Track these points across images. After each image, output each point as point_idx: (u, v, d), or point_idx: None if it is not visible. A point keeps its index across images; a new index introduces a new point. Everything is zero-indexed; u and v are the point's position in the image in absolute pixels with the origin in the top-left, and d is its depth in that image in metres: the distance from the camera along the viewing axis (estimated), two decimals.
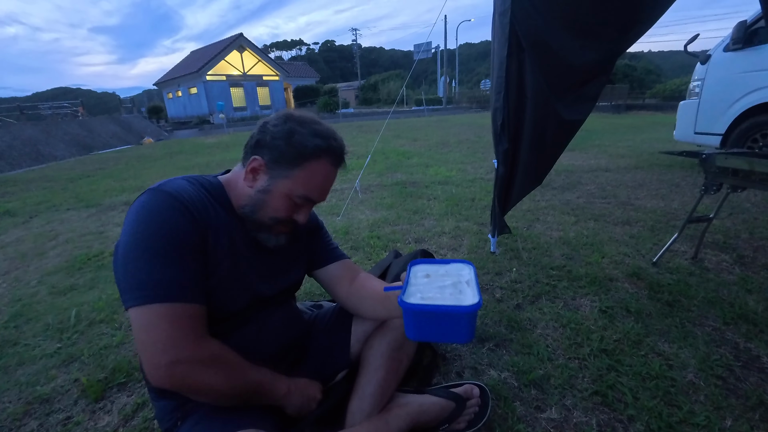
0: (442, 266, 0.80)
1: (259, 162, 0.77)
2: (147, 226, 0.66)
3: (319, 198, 0.81)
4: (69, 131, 12.40)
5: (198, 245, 0.70)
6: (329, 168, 0.80)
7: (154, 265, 0.65)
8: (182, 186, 0.74)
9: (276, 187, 0.77)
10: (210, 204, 0.76)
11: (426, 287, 0.71)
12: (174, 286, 0.65)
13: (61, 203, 4.24)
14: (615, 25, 1.74)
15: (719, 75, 3.94)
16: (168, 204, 0.68)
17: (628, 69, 25.41)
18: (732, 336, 1.38)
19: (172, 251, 0.66)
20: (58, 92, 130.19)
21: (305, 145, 0.76)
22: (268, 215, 0.79)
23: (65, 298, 1.98)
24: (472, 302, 0.63)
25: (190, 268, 0.68)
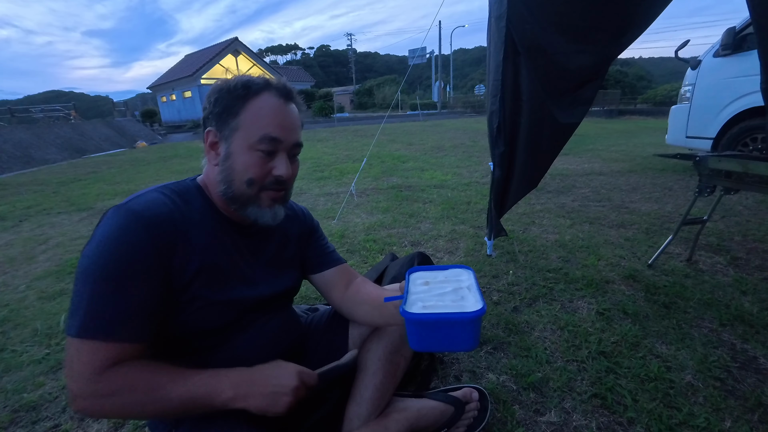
0: (441, 272, 0.78)
1: (212, 132, 0.73)
2: (95, 250, 0.61)
3: (280, 133, 0.72)
4: (61, 135, 12.27)
5: (154, 268, 0.64)
6: (275, 100, 0.73)
7: (88, 294, 0.61)
8: (151, 200, 0.68)
9: (234, 145, 0.71)
10: (186, 214, 0.71)
11: (426, 295, 0.69)
12: (98, 322, 0.60)
13: (52, 207, 4.17)
14: (608, 30, 1.76)
15: (709, 80, 4.00)
16: (125, 225, 0.63)
17: (619, 75, 25.80)
18: (729, 337, 1.38)
19: (114, 279, 0.61)
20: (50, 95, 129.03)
21: (238, 87, 0.72)
22: (242, 179, 0.71)
23: (54, 303, 1.94)
24: (476, 308, 0.61)
25: (130, 298, 0.62)
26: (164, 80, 28.78)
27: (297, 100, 0.78)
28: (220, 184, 0.73)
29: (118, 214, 0.64)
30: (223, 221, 0.77)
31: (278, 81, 0.76)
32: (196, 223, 0.72)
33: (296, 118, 0.76)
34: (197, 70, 24.60)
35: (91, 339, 0.60)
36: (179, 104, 27.65)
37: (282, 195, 0.77)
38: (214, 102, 0.73)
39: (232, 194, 0.72)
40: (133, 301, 0.62)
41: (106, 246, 0.61)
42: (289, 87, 0.76)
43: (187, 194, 0.75)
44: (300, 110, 0.79)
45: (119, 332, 0.61)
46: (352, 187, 3.48)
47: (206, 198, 0.76)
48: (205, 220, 0.74)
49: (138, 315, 0.63)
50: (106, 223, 0.64)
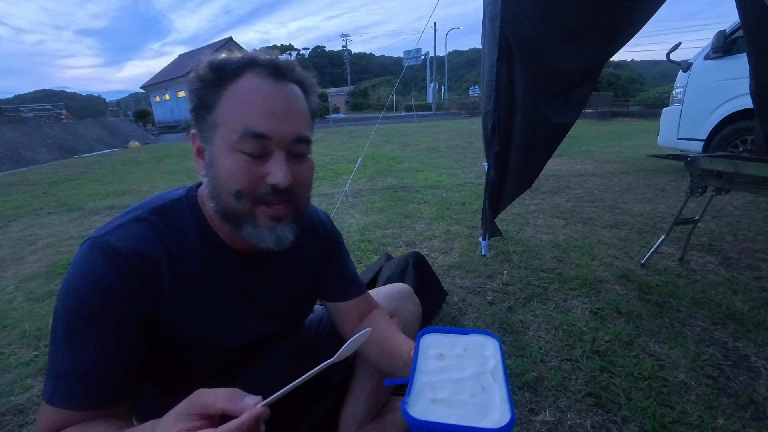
0: (460, 338, 0.61)
1: (195, 134, 0.59)
2: (63, 292, 0.53)
3: (267, 126, 0.54)
4: (52, 134, 12.11)
5: (127, 317, 0.54)
6: (258, 81, 0.55)
7: (51, 345, 0.52)
8: (130, 233, 0.56)
9: (215, 147, 0.55)
10: (173, 248, 0.59)
11: (439, 378, 0.54)
12: (53, 383, 0.50)
13: (41, 207, 4.11)
14: (601, 31, 1.77)
15: (700, 82, 4.05)
16: (93, 264, 0.53)
17: (612, 77, 26.09)
18: (720, 336, 1.39)
19: (75, 331, 0.51)
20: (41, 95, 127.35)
21: (206, 68, 0.55)
22: (229, 191, 0.55)
23: (43, 304, 1.91)
24: (501, 420, 0.46)
25: (91, 355, 0.51)
26: (158, 80, 28.58)
27: (298, 77, 0.59)
28: (209, 199, 0.58)
29: (90, 249, 0.54)
30: (221, 249, 0.63)
31: (266, 54, 0.57)
32: (187, 258, 0.60)
33: (294, 102, 0.57)
34: (191, 70, 24.47)
35: (47, 403, 0.50)
36: (173, 104, 27.47)
37: (285, 211, 0.58)
38: (189, 95, 0.58)
39: (222, 210, 0.57)
40: (96, 359, 0.51)
41: (72, 288, 0.52)
42: (280, 61, 0.57)
43: (177, 218, 0.61)
44: (307, 92, 0.60)
45: (73, 398, 0.50)
46: (346, 187, 3.48)
47: (201, 219, 0.62)
48: (197, 251, 0.61)
49: (101, 376, 0.51)
50: (77, 259, 0.54)
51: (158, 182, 5.24)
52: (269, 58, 0.57)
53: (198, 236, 0.61)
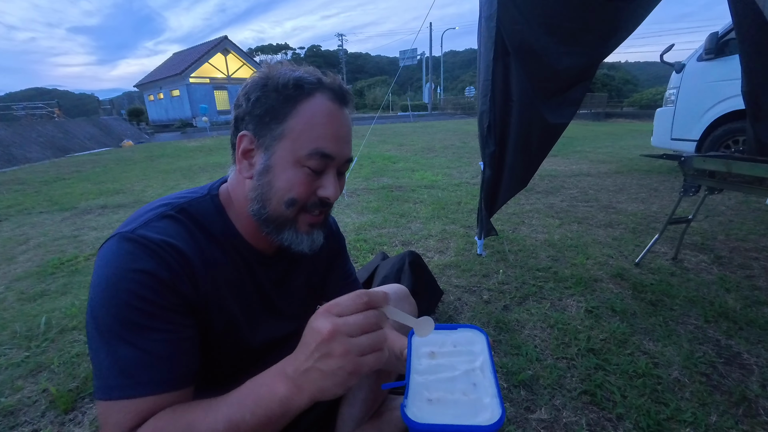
0: (449, 334, 0.66)
1: (247, 137, 0.59)
2: (101, 291, 0.51)
3: (334, 148, 0.59)
4: (44, 133, 11.96)
5: (174, 301, 0.54)
6: (330, 104, 0.59)
7: (105, 346, 0.50)
8: (162, 228, 0.56)
9: (276, 156, 0.58)
10: (205, 249, 0.60)
11: (432, 378, 0.57)
12: (121, 379, 0.49)
13: (33, 206, 4.06)
14: (596, 32, 1.78)
15: (693, 84, 4.10)
16: (131, 255, 0.52)
17: (606, 78, 26.31)
18: (713, 333, 1.41)
19: (129, 323, 0.50)
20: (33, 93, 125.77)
21: (286, 84, 0.57)
22: (283, 199, 0.58)
23: (35, 304, 1.88)
24: (492, 417, 0.50)
25: (154, 342, 0.51)
26: (152, 78, 28.32)
27: (351, 104, 0.64)
28: (253, 202, 0.60)
29: (123, 242, 0.53)
30: (244, 249, 0.65)
31: (332, 79, 0.61)
32: (213, 257, 0.60)
33: (350, 126, 0.63)
34: (186, 69, 24.26)
35: (117, 399, 0.49)
36: (167, 103, 27.22)
37: (322, 219, 0.64)
38: (254, 101, 0.58)
39: (267, 216, 0.60)
40: (159, 345, 0.51)
41: (113, 282, 0.51)
42: (345, 87, 0.62)
43: (203, 217, 0.61)
44: (351, 114, 0.65)
45: (148, 385, 0.50)
46: None
47: (225, 219, 0.63)
48: (222, 251, 0.62)
49: (169, 359, 0.51)
50: (107, 255, 0.53)
51: (152, 181, 5.19)
52: (338, 84, 0.61)
53: (223, 235, 0.63)
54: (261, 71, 0.61)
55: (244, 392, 0.49)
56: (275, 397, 0.46)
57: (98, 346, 0.50)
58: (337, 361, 0.43)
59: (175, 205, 0.60)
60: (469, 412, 0.51)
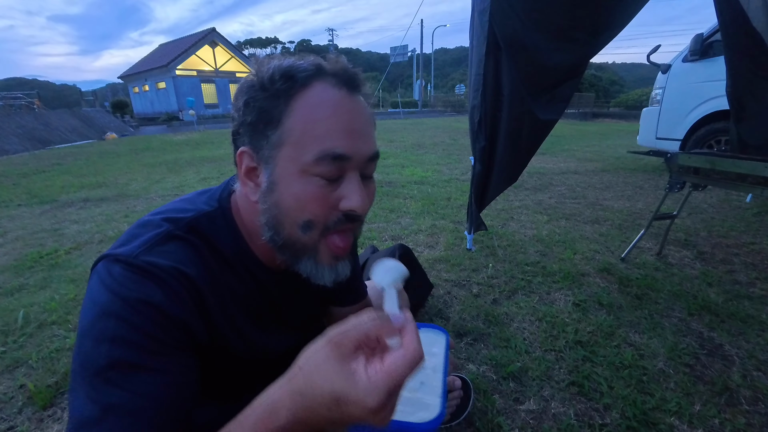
0: None
1: (246, 154, 0.50)
2: (100, 322, 0.42)
3: (348, 145, 0.47)
4: (23, 124, 11.57)
5: (180, 337, 0.46)
6: (333, 93, 0.48)
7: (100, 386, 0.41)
8: (170, 253, 0.48)
9: (279, 168, 0.48)
10: (215, 270, 0.52)
11: None
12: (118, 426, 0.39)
13: (11, 199, 3.92)
14: (586, 29, 1.80)
15: (678, 84, 4.18)
16: (132, 283, 0.44)
17: (594, 79, 26.72)
18: (697, 326, 1.44)
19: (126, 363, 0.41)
20: (11, 83, 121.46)
21: (275, 79, 0.47)
22: (297, 222, 0.48)
23: (12, 298, 1.82)
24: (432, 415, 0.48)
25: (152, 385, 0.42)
26: (137, 70, 27.63)
27: (365, 89, 0.52)
28: (265, 229, 0.51)
29: (128, 270, 0.44)
30: (257, 268, 0.57)
31: (335, 62, 0.50)
32: (227, 280, 0.53)
33: (367, 116, 0.51)
34: (172, 61, 23.74)
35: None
36: (152, 96, 26.62)
37: (349, 244, 0.53)
38: (244, 107, 0.49)
39: (282, 243, 0.50)
40: (155, 390, 0.42)
41: (111, 312, 0.42)
42: (351, 70, 0.50)
43: (215, 236, 0.53)
44: (368, 102, 0.53)
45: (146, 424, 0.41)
46: None
47: (237, 236, 0.55)
48: (235, 272, 0.55)
49: (163, 409, 0.42)
50: (105, 281, 0.44)
51: (136, 175, 5.07)
52: (341, 66, 0.50)
53: (235, 255, 0.55)
54: (250, 73, 0.51)
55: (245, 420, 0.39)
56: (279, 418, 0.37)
57: (79, 387, 0.41)
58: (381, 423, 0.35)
59: (183, 224, 0.51)
60: (409, 409, 0.49)
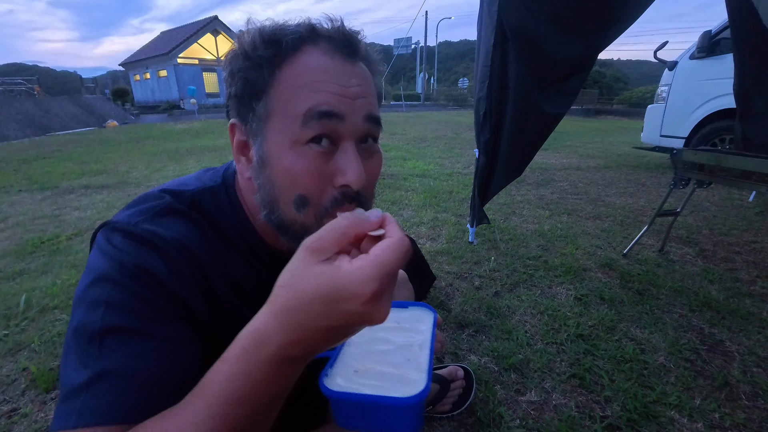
0: (397, 312, 0.61)
1: (237, 127, 0.48)
2: (97, 288, 0.40)
3: (339, 103, 0.43)
4: (23, 110, 11.51)
5: (179, 310, 0.43)
6: (324, 59, 0.43)
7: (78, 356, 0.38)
8: (170, 225, 0.46)
9: (268, 141, 0.45)
10: (219, 248, 0.50)
11: (364, 350, 0.53)
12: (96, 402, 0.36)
13: (11, 185, 3.91)
14: (596, 21, 1.77)
15: (684, 81, 4.15)
16: (132, 253, 0.42)
17: (598, 75, 26.51)
18: (698, 322, 1.44)
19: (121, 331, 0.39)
20: (11, 68, 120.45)
21: (257, 45, 0.43)
22: (289, 198, 0.45)
23: (14, 283, 1.82)
24: (416, 389, 0.46)
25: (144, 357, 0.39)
26: (138, 57, 27.41)
27: (369, 56, 0.48)
28: (261, 207, 0.48)
29: (124, 239, 0.43)
30: (261, 249, 0.55)
31: (331, 24, 0.45)
32: (229, 260, 0.51)
33: (366, 81, 0.47)
34: (173, 49, 23.53)
35: (77, 428, 0.35)
36: (153, 84, 26.44)
37: None
38: (229, 77, 0.46)
39: (278, 222, 0.47)
40: (149, 357, 0.39)
41: (111, 280, 0.40)
42: (349, 32, 0.45)
43: (218, 215, 0.51)
44: (374, 72, 0.49)
45: (113, 409, 0.36)
46: None
47: (241, 215, 0.53)
48: (238, 252, 0.52)
49: (157, 379, 0.39)
50: (104, 248, 0.43)
51: (137, 163, 5.05)
52: (336, 29, 0.45)
53: (239, 235, 0.53)
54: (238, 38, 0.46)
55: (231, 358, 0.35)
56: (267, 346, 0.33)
57: (71, 355, 0.39)
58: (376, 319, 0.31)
59: (185, 197, 0.49)
60: (392, 385, 0.48)
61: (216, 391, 0.33)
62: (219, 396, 0.33)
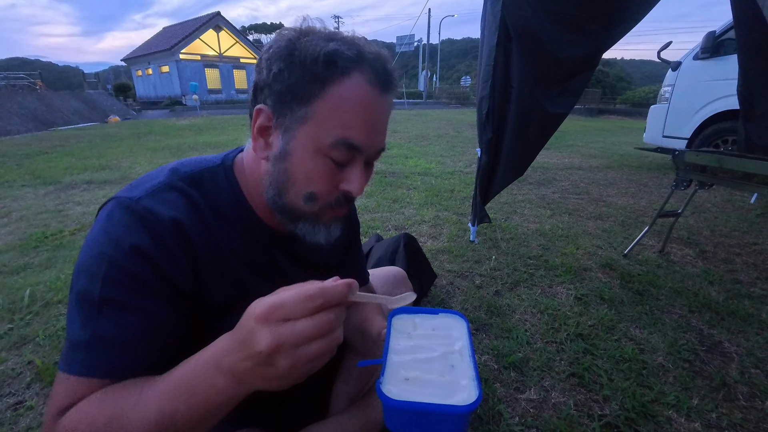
0: (429, 318, 0.64)
1: (264, 113, 0.51)
2: (99, 261, 0.47)
3: (364, 139, 0.51)
4: (25, 105, 11.51)
5: (162, 284, 0.49)
6: (368, 89, 0.49)
7: (84, 316, 0.46)
8: (165, 200, 0.51)
9: (296, 142, 0.50)
10: (210, 220, 0.55)
11: (410, 359, 0.56)
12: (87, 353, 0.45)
13: (15, 179, 3.92)
14: (601, 21, 1.77)
15: (688, 82, 4.13)
16: (125, 225, 0.48)
17: (601, 75, 26.42)
18: (697, 323, 1.45)
19: (118, 299, 0.46)
20: (13, 63, 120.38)
21: (317, 57, 0.47)
22: (301, 192, 0.52)
23: (18, 277, 1.83)
24: (469, 398, 0.49)
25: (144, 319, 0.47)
26: (140, 53, 27.35)
27: (395, 90, 0.54)
28: (268, 188, 0.54)
29: (126, 212, 0.49)
30: (257, 227, 0.60)
31: (377, 55, 0.51)
32: (224, 236, 0.56)
33: (389, 114, 0.55)
34: (176, 45, 23.48)
35: (74, 374, 0.45)
36: (155, 79, 26.40)
37: (345, 213, 0.59)
38: (276, 73, 0.49)
39: (282, 206, 0.54)
40: (139, 326, 0.47)
41: (107, 252, 0.46)
42: (390, 68, 0.52)
43: (215, 191, 0.56)
44: (392, 99, 0.56)
45: (110, 368, 0.46)
46: None
47: (238, 194, 0.58)
48: (233, 229, 0.57)
49: (143, 347, 0.47)
50: (104, 221, 0.49)
51: (139, 158, 5.06)
52: (382, 62, 0.51)
53: (235, 212, 0.58)
54: (289, 33, 0.50)
55: (174, 381, 0.43)
56: (213, 389, 0.41)
57: (73, 314, 0.47)
58: (281, 372, 0.37)
59: (186, 176, 0.55)
60: (445, 392, 0.51)
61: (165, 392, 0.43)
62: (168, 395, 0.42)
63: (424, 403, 0.48)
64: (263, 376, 0.39)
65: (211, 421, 0.43)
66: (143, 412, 0.42)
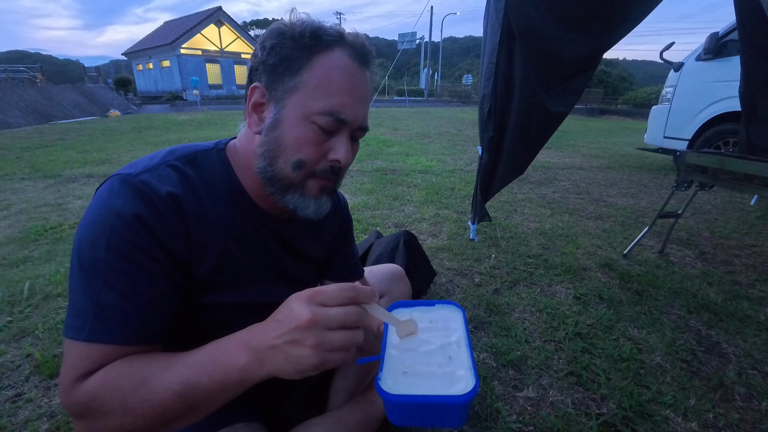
0: (426, 312, 0.65)
1: (258, 90, 0.56)
2: (87, 229, 0.49)
3: (349, 110, 0.55)
4: (25, 98, 11.48)
5: (161, 255, 0.52)
6: (349, 62, 0.55)
7: (88, 285, 0.49)
8: (161, 176, 0.54)
9: (287, 110, 0.55)
10: (203, 197, 0.58)
11: (408, 352, 0.57)
12: (88, 322, 0.48)
13: (14, 172, 3.92)
14: (603, 20, 1.76)
15: (690, 83, 4.12)
16: (123, 197, 0.50)
17: (603, 75, 26.29)
18: (695, 324, 1.45)
19: (109, 266, 0.48)
20: (13, 55, 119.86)
21: (303, 32, 0.54)
22: (290, 159, 0.55)
23: (17, 270, 1.83)
24: (467, 387, 0.51)
25: (139, 288, 0.50)
26: (141, 47, 27.25)
27: (373, 69, 0.60)
28: (260, 158, 0.57)
29: (125, 186, 0.51)
30: (249, 208, 0.63)
31: (355, 36, 0.58)
32: (217, 212, 0.59)
33: (369, 90, 0.60)
34: (177, 39, 23.39)
35: (83, 341, 0.47)
36: (156, 74, 26.31)
37: (333, 184, 0.61)
38: (269, 49, 0.55)
39: (272, 174, 0.57)
40: (143, 293, 0.50)
41: (108, 224, 0.49)
42: (368, 47, 0.58)
43: (208, 171, 0.59)
44: (372, 79, 0.61)
45: (118, 334, 0.48)
46: None
47: (231, 176, 0.61)
48: (226, 207, 0.60)
49: (146, 312, 0.50)
50: (105, 195, 0.51)
51: (140, 153, 5.06)
52: (360, 42, 0.57)
53: (227, 190, 0.61)
54: (278, 22, 0.57)
55: (204, 355, 0.47)
56: (235, 365, 0.45)
57: (77, 283, 0.49)
58: (306, 351, 0.42)
59: (181, 156, 0.58)
60: (444, 383, 0.52)
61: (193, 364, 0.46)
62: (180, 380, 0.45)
63: (423, 396, 0.50)
64: (286, 358, 0.43)
65: (223, 398, 0.47)
66: (169, 382, 0.45)
